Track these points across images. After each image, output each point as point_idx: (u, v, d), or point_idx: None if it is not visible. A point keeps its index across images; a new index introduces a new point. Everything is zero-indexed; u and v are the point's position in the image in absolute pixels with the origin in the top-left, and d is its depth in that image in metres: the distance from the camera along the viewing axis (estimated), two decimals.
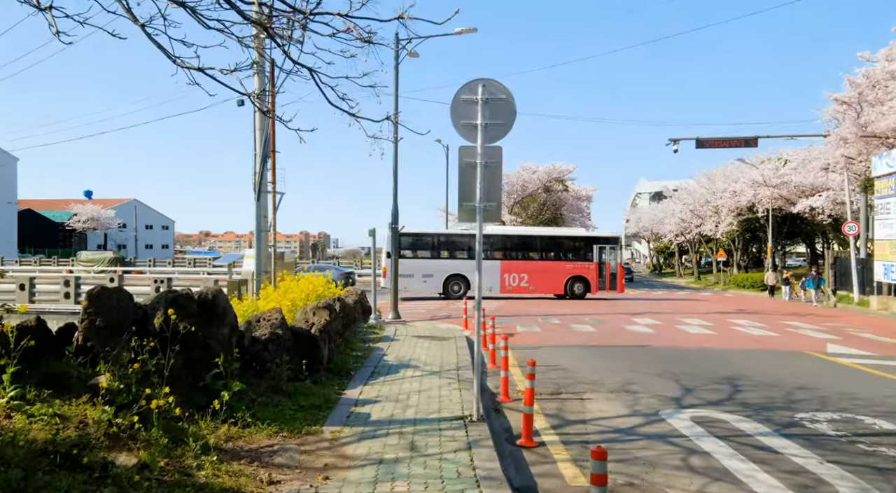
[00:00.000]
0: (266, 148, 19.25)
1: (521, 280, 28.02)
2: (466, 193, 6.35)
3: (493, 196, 6.32)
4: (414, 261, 26.83)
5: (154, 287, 20.25)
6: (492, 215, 6.32)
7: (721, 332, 15.28)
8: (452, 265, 27.43)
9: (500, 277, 27.77)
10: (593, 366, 10.49)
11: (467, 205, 6.34)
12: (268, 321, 8.00)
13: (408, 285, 25.81)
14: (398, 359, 10.02)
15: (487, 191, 6.30)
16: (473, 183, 6.29)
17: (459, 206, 6.37)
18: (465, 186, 6.36)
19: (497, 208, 6.32)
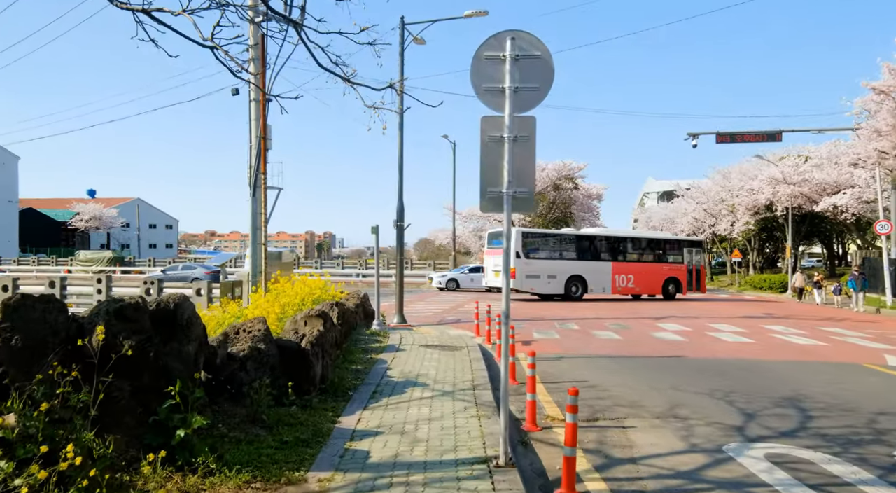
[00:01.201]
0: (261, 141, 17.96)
1: (629, 281, 28.84)
2: (491, 177, 5.03)
3: (526, 180, 5.00)
4: (540, 262, 26.89)
5: (144, 289, 19.02)
6: (523, 204, 5.00)
7: (759, 340, 13.89)
8: (572, 266, 27.62)
9: (612, 278, 28.48)
10: (628, 382, 9.14)
11: (492, 192, 5.01)
12: (248, 334, 6.69)
13: (535, 286, 26.34)
14: (404, 374, 8.70)
15: (518, 173, 4.98)
16: (499, 164, 4.97)
17: (482, 193, 5.04)
18: (488, 169, 5.03)
19: (530, 196, 5.00)
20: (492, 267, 27.56)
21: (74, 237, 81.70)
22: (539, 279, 26.68)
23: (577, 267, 27.73)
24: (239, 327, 6.79)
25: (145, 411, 4.74)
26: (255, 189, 17.72)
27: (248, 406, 5.84)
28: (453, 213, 45.97)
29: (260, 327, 6.79)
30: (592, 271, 27.92)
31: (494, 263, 27.38)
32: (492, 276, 27.55)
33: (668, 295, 29.58)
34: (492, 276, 27.55)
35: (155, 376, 4.85)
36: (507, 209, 4.96)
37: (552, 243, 28.36)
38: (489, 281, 27.89)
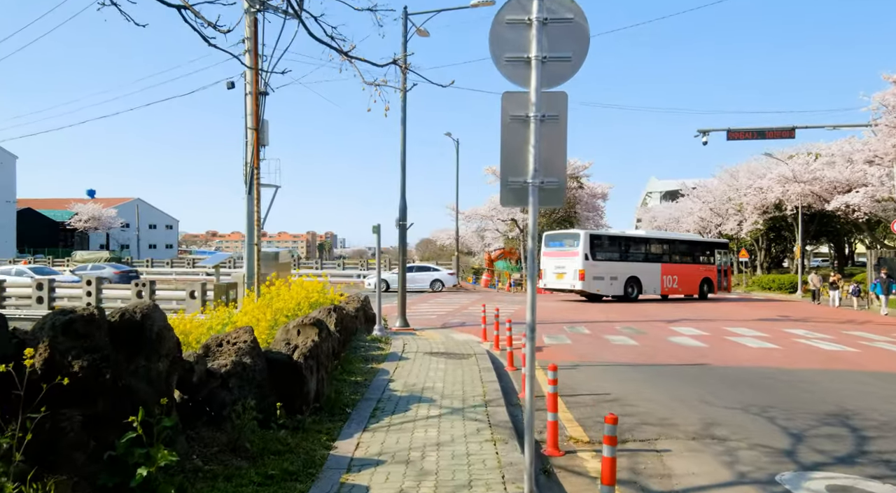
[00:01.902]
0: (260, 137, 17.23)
1: (674, 282, 29.57)
2: (513, 165, 4.24)
3: (555, 168, 4.21)
4: (604, 263, 27.04)
5: (135, 292, 18.25)
6: (552, 197, 4.21)
7: (784, 345, 13.08)
8: (630, 268, 27.87)
9: (661, 279, 29.10)
10: (653, 394, 8.35)
11: (514, 182, 4.23)
12: (232, 346, 5.91)
13: (600, 288, 26.64)
14: (408, 388, 7.91)
15: (546, 160, 4.19)
16: (524, 148, 4.19)
17: (503, 184, 4.26)
18: (510, 155, 4.25)
19: (560, 187, 4.22)
20: (552, 269, 27.21)
21: (73, 238, 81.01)
22: (603, 281, 26.76)
23: (633, 269, 27.98)
24: (222, 339, 6.01)
25: (100, 445, 3.95)
26: (251, 187, 16.98)
27: (230, 432, 5.06)
28: (456, 212, 45.17)
29: (246, 339, 6.00)
30: (646, 273, 28.36)
31: (556, 264, 27.07)
32: (553, 278, 27.18)
33: (703, 295, 30.49)
34: (553, 278, 27.18)
35: (113, 402, 4.06)
36: (533, 203, 4.17)
37: (613, 245, 28.38)
38: (549, 283, 27.43)
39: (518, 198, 4.26)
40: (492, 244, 57.25)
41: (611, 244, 28.30)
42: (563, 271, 26.57)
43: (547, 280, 27.39)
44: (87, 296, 18.41)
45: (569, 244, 26.92)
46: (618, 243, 28.64)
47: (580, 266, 25.85)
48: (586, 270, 25.78)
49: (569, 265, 26.22)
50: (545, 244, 28.31)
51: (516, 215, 46.38)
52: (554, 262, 27.28)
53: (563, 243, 27.48)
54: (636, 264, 28.30)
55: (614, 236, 29.47)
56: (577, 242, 26.50)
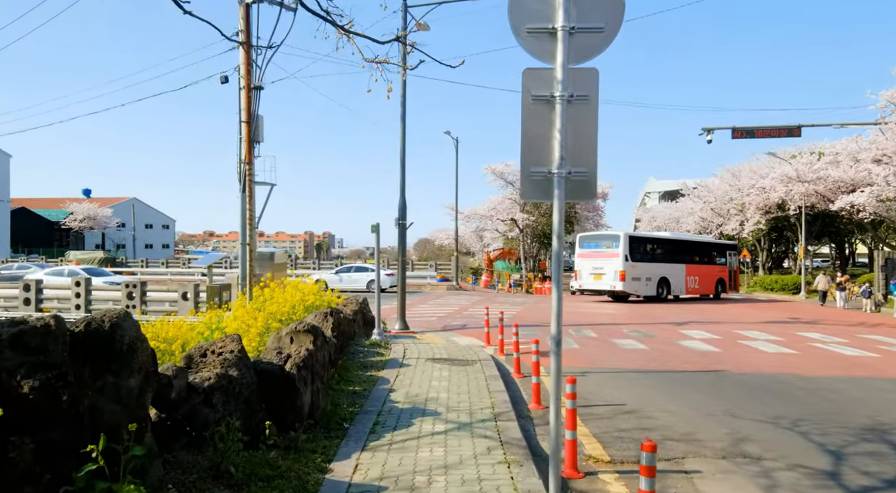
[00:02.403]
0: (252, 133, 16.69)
1: (696, 282, 30.23)
2: (535, 153, 3.70)
3: (584, 156, 3.67)
4: (641, 265, 27.40)
5: (125, 293, 17.66)
6: (581, 189, 3.67)
7: (800, 350, 12.55)
8: (661, 269, 28.23)
9: (685, 279, 29.72)
10: (672, 405, 7.80)
11: (537, 172, 3.68)
12: (217, 357, 5.34)
13: (637, 289, 26.87)
14: (410, 398, 7.35)
15: (574, 147, 3.65)
16: (548, 134, 3.64)
17: (523, 175, 3.72)
18: (532, 141, 3.70)
19: (590, 178, 3.67)
20: (589, 270, 27.16)
21: (68, 237, 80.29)
22: (640, 282, 26.97)
23: (664, 270, 28.37)
24: (207, 348, 5.44)
25: (56, 477, 3.39)
26: (244, 184, 16.41)
27: (212, 455, 4.50)
28: (455, 212, 44.62)
29: (233, 348, 5.44)
30: (674, 274, 28.81)
31: (593, 266, 26.99)
32: (590, 279, 27.11)
33: (717, 295, 31.49)
34: (590, 279, 27.11)
35: (72, 426, 3.50)
36: (559, 196, 3.62)
37: (647, 247, 28.87)
38: (585, 284, 27.42)
39: (541, 191, 3.71)
40: (491, 244, 56.74)
41: (645, 246, 28.72)
42: (601, 273, 26.61)
43: (583, 281, 27.43)
44: (76, 297, 17.82)
45: (606, 246, 27.02)
46: (651, 245, 29.20)
47: (621, 267, 25.99)
48: (627, 271, 26.01)
49: (608, 267, 26.34)
50: (579, 246, 28.47)
51: (516, 215, 45.83)
52: (591, 263, 27.21)
53: (599, 245, 27.55)
54: (666, 266, 28.63)
55: (649, 238, 30.24)
56: (617, 243, 26.59)
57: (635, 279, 26.59)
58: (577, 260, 28.22)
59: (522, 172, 3.72)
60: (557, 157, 3.62)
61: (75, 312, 17.74)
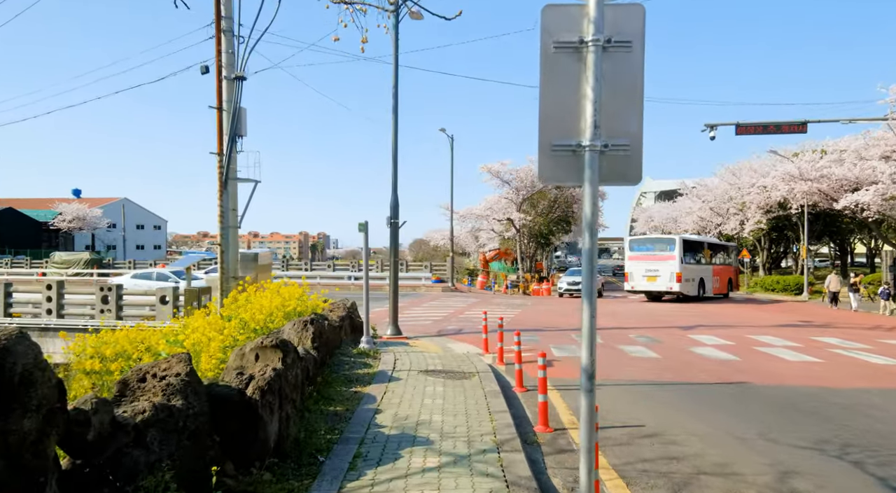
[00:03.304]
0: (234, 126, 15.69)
1: (716, 282, 32.04)
2: (558, 119, 2.75)
3: (626, 124, 2.73)
4: (689, 266, 29.04)
5: (100, 297, 16.62)
6: (624, 168, 2.75)
7: (825, 358, 11.63)
8: (700, 270, 30.11)
9: (712, 279, 31.42)
10: (697, 426, 6.85)
11: (561, 146, 2.73)
12: (159, 381, 4.36)
13: (686, 290, 28.08)
14: (398, 422, 6.38)
15: (611, 112, 2.70)
16: (577, 93, 2.68)
17: (542, 148, 2.76)
18: (554, 103, 2.75)
19: (634, 153, 2.71)
20: (642, 273, 28.58)
21: (57, 238, 78.93)
22: (689, 283, 28.51)
23: (702, 271, 30.30)
24: (146, 371, 4.45)
25: None
26: (227, 182, 15.42)
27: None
28: (451, 212, 43.63)
29: (179, 371, 4.45)
30: (707, 274, 30.81)
31: (647, 268, 28.41)
32: (643, 281, 28.56)
33: (726, 294, 33.26)
34: (643, 281, 28.56)
35: None
36: (591, 178, 2.67)
37: (692, 249, 30.42)
38: (638, 286, 28.81)
39: (565, 170, 2.76)
40: (487, 245, 55.80)
41: (691, 248, 30.29)
42: (655, 274, 28.03)
43: (635, 283, 28.81)
44: (48, 301, 16.77)
45: (660, 249, 28.60)
46: (695, 248, 30.99)
47: (678, 269, 27.53)
48: (682, 273, 27.72)
49: (663, 269, 27.82)
50: (630, 248, 29.98)
51: (512, 215, 44.86)
52: (643, 265, 28.61)
53: (652, 248, 29.14)
54: (702, 267, 30.72)
55: (694, 241, 31.98)
56: (673, 246, 28.19)
57: (686, 280, 28.10)
58: (627, 263, 29.68)
59: (541, 146, 2.77)
60: (589, 124, 2.67)
61: (46, 317, 16.70)
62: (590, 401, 2.85)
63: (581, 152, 2.69)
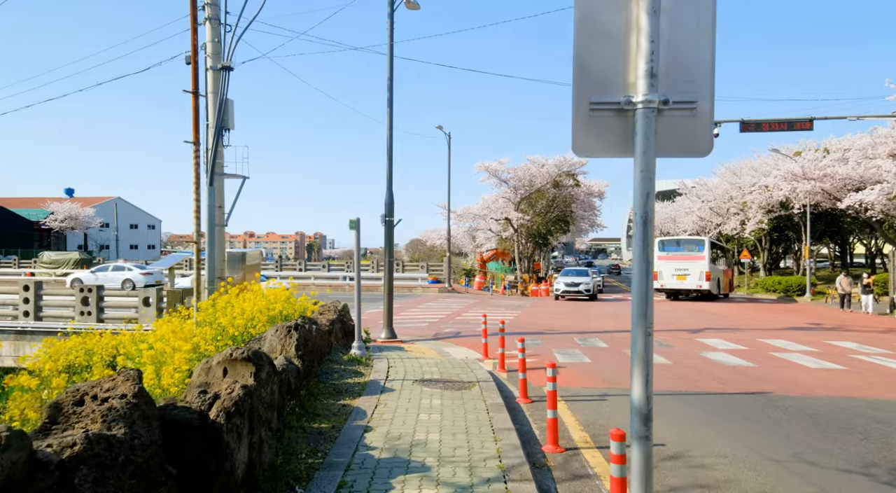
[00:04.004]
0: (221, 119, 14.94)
1: (723, 280, 33.42)
2: (599, 69, 2.01)
3: (694, 68, 1.99)
4: (712, 266, 30.73)
5: (80, 298, 15.84)
6: (689, 133, 1.98)
7: (847, 365, 10.93)
8: (716, 270, 31.74)
9: (721, 279, 32.75)
10: (724, 445, 6.14)
11: (602, 104, 1.99)
12: (100, 405, 3.63)
13: (711, 288, 29.85)
14: (390, 443, 5.65)
15: (673, 57, 1.95)
16: (625, 28, 1.93)
17: (576, 107, 2.01)
18: (594, 46, 2.01)
19: (705, 111, 1.97)
20: (671, 272, 30.28)
21: (49, 238, 77.91)
22: (713, 282, 30.29)
23: (718, 270, 32.13)
24: (85, 392, 3.71)
25: None
26: (213, 177, 14.67)
27: None
28: (448, 211, 42.89)
29: (125, 391, 3.71)
30: (720, 274, 32.43)
31: (676, 267, 30.20)
32: (673, 280, 30.23)
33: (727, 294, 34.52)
34: (673, 280, 30.23)
35: None
36: (645, 146, 1.95)
37: (714, 250, 32.47)
38: (668, 284, 30.39)
39: (608, 138, 2.04)
40: (484, 245, 55.10)
41: (713, 249, 32.14)
42: (685, 273, 29.82)
43: (664, 281, 30.41)
44: (25, 303, 15.97)
45: (689, 249, 30.48)
46: (715, 248, 33.14)
47: (707, 269, 29.35)
48: (711, 272, 29.56)
49: (693, 268, 29.67)
50: (658, 249, 31.27)
51: (510, 214, 44.16)
52: (672, 264, 30.34)
53: (682, 248, 30.91)
54: (719, 267, 32.71)
55: (715, 243, 34.26)
56: (702, 247, 30.13)
57: (712, 279, 29.91)
58: (657, 262, 30.62)
59: (575, 106, 2.05)
60: (643, 72, 1.96)
61: (23, 319, 15.91)
62: (646, 452, 2.12)
63: (630, 112, 1.99)
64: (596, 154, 2.08)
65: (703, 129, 2.04)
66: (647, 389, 2.01)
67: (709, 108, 2.03)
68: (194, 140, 9.61)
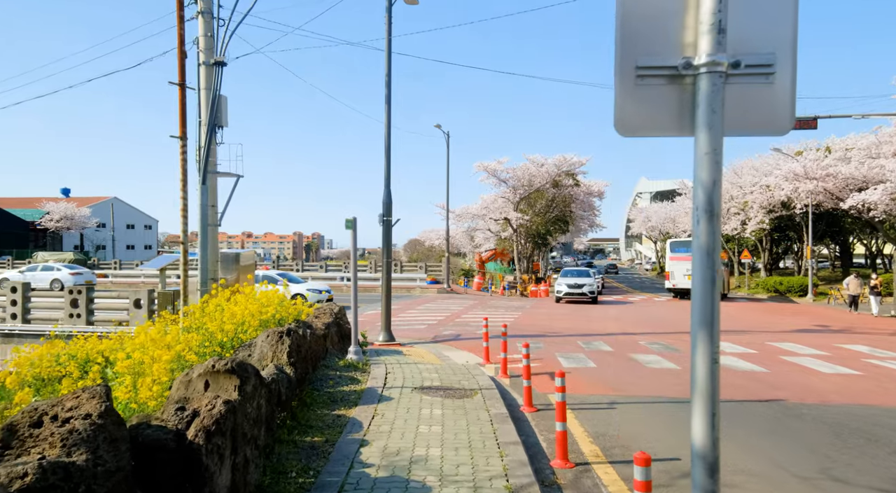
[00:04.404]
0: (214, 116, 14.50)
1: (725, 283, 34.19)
2: (650, 18, 1.62)
3: (770, 25, 1.58)
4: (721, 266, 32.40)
5: (69, 300, 15.40)
6: (768, 104, 1.61)
7: (862, 370, 10.54)
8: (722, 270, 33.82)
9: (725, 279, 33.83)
10: (746, 460, 5.74)
11: (651, 69, 1.57)
12: (60, 427, 3.22)
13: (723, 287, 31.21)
14: (388, 459, 5.24)
15: (745, 8, 1.52)
16: None
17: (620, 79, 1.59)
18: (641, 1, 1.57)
19: (784, 76, 1.55)
20: (682, 272, 31.86)
21: (45, 238, 77.36)
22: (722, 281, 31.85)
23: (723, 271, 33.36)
24: (44, 412, 3.30)
25: None
26: (205, 175, 14.24)
27: None
28: (447, 211, 42.45)
29: (89, 410, 3.30)
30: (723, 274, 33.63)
31: (687, 268, 31.46)
32: (684, 280, 31.63)
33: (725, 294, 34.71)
34: (684, 280, 31.63)
35: None
36: (710, 119, 1.54)
37: None
38: (679, 284, 31.76)
39: (661, 110, 1.64)
40: (482, 245, 54.69)
41: None
42: None
43: (676, 281, 31.96)
44: (13, 305, 15.52)
45: None
46: None
47: None
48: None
49: None
50: (671, 250, 32.98)
51: (509, 214, 43.77)
52: (684, 265, 31.78)
53: (688, 250, 32.04)
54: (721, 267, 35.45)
55: None
56: None
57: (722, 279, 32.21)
58: (668, 262, 33.09)
59: (619, 72, 1.66)
60: (707, 27, 1.56)
61: (10, 322, 15.47)
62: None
63: (689, 78, 1.59)
64: (645, 133, 1.67)
65: (783, 99, 1.64)
66: (712, 431, 1.62)
67: (790, 73, 1.63)
68: (181, 134, 9.19)
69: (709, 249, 1.62)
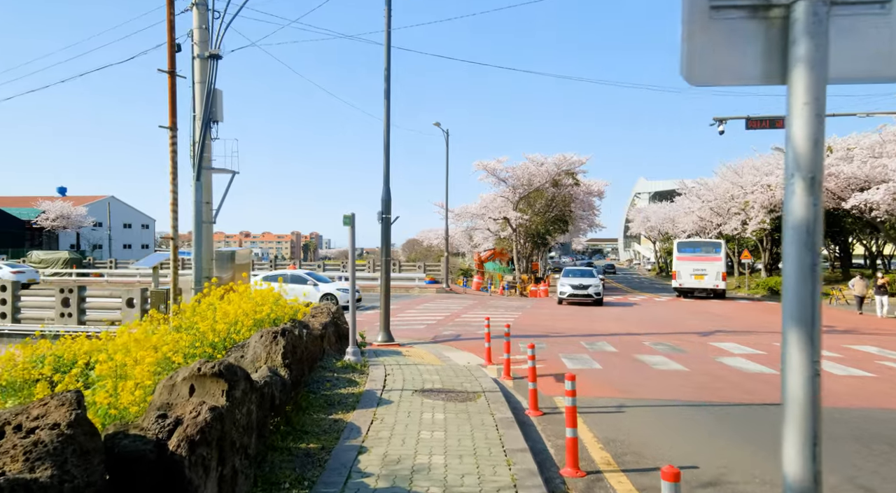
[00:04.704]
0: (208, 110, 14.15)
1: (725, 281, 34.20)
2: None
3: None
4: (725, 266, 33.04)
5: (60, 299, 15.04)
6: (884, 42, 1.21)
7: (877, 372, 10.23)
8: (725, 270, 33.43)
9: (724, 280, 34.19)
10: (766, 469, 5.44)
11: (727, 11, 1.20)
12: (25, 438, 2.88)
13: (721, 285, 31.54)
14: (388, 468, 4.91)
15: None
16: None
17: (688, 13, 1.24)
18: None
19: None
20: (690, 272, 32.16)
21: (41, 237, 76.87)
22: (725, 282, 31.87)
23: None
24: (6, 421, 2.96)
25: None
26: (200, 171, 13.90)
27: None
28: (446, 210, 42.12)
29: (58, 419, 2.97)
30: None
31: (694, 268, 32.08)
32: (691, 279, 31.96)
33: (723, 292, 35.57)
34: (691, 279, 31.96)
35: None
36: (812, 58, 1.19)
37: (725, 252, 33.89)
38: (686, 283, 32.03)
39: (744, 50, 1.31)
40: (481, 245, 54.39)
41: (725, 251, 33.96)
42: (703, 274, 31.57)
43: (683, 280, 32.21)
44: (2, 304, 15.16)
45: (706, 251, 32.50)
46: (725, 250, 34.31)
47: (723, 269, 31.61)
48: (726, 272, 31.45)
49: (710, 269, 31.68)
50: (678, 250, 33.48)
51: (509, 214, 43.48)
52: (690, 265, 32.25)
53: (699, 250, 32.71)
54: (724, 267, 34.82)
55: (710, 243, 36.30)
56: (719, 249, 32.39)
57: (725, 280, 31.62)
58: (675, 262, 33.46)
59: (687, 9, 1.31)
60: None
61: (0, 321, 15.11)
62: None
63: (779, 10, 1.26)
64: (721, 80, 1.33)
65: None
66: (812, 463, 1.27)
67: None
68: (170, 125, 8.84)
69: (808, 226, 1.30)
